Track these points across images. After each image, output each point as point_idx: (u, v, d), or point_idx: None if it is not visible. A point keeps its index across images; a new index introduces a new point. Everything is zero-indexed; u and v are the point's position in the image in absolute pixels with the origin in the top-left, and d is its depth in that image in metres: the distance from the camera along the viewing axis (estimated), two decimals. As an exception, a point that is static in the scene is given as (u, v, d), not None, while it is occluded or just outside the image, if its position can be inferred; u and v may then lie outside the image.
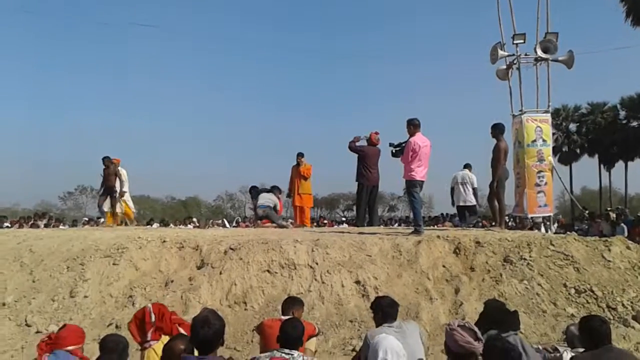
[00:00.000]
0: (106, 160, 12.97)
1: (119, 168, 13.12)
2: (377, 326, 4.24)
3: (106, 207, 13.09)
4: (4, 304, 7.13)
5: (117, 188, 12.92)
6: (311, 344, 4.69)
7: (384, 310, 4.29)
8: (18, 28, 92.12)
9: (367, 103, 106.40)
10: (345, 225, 19.42)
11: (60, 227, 17.15)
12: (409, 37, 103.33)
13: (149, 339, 3.84)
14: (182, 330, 3.90)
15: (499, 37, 11.46)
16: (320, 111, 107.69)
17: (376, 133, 11.27)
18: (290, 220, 12.14)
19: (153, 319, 3.88)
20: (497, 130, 9.26)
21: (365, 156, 11.01)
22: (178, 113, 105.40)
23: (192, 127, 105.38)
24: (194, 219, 23.92)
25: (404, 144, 8.86)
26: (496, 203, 9.44)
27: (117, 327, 6.49)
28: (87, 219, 24.63)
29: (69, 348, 3.74)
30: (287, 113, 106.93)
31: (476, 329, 3.34)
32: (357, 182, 11.22)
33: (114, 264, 7.53)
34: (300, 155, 12.57)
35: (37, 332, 6.60)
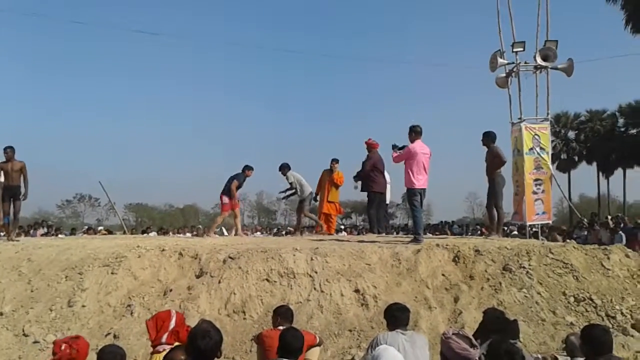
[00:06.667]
0: (9, 150, 10.15)
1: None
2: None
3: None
4: (1, 314, 7.10)
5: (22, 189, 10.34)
6: (313, 355, 4.68)
7: (394, 315, 4.33)
8: (16, 30, 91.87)
9: (366, 106, 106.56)
10: (344, 233, 19.41)
11: (60, 236, 17.10)
12: (406, 40, 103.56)
13: (164, 341, 3.81)
14: None
15: (498, 44, 11.55)
16: (319, 115, 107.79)
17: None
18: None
19: (172, 325, 3.85)
20: (489, 138, 9.31)
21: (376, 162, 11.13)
22: (176, 119, 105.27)
23: (190, 133, 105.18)
24: (199, 227, 23.82)
25: (406, 146, 8.81)
26: (494, 211, 9.46)
27: (115, 337, 6.47)
28: (86, 227, 24.56)
29: None
30: (286, 116, 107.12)
31: (471, 336, 3.36)
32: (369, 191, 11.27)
33: (112, 273, 7.50)
34: (335, 161, 12.24)
35: (35, 342, 6.57)
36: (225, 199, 11.27)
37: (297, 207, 12.41)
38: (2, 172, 10.14)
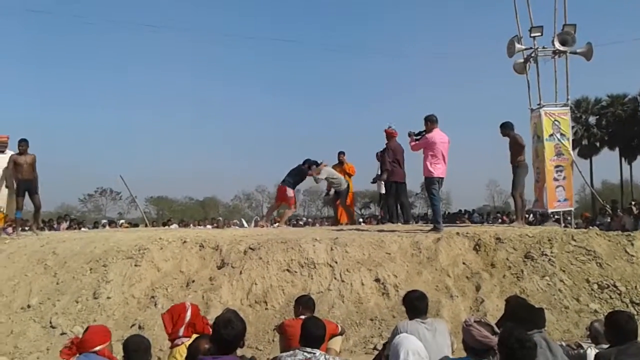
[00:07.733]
0: (24, 143, 10.00)
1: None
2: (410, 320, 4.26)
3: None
4: (29, 306, 7.25)
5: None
6: (336, 344, 4.71)
7: (413, 304, 4.34)
8: (25, 27, 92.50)
9: (377, 97, 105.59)
10: (362, 223, 19.39)
11: (83, 229, 17.36)
12: (421, 26, 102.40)
13: (181, 334, 3.89)
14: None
15: (515, 29, 11.36)
16: (335, 106, 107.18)
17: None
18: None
19: (188, 318, 3.94)
20: (507, 128, 9.28)
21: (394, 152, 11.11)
22: (193, 113, 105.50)
23: (209, 127, 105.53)
24: (220, 219, 24.05)
25: (424, 133, 8.74)
26: (518, 199, 9.42)
27: (140, 327, 6.58)
28: (106, 221, 24.88)
29: (96, 349, 3.79)
30: (301, 109, 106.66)
31: (493, 324, 3.36)
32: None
33: (135, 265, 7.61)
34: (342, 153, 12.49)
35: (62, 333, 6.69)
36: (290, 192, 11.45)
37: (333, 198, 12.45)
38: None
